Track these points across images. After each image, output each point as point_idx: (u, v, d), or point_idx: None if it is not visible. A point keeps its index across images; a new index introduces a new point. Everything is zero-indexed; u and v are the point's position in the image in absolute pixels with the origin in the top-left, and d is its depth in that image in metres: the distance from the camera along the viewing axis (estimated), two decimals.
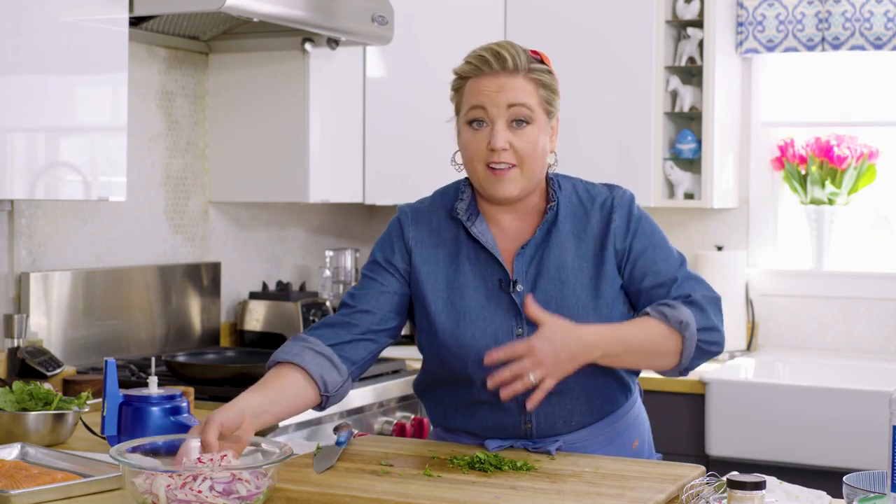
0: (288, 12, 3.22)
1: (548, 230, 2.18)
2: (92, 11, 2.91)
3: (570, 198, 2.21)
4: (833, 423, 3.44)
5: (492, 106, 2.12)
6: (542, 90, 2.14)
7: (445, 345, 2.16)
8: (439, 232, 2.22)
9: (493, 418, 2.17)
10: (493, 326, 2.14)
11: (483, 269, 2.17)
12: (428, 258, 2.21)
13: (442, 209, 2.25)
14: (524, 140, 2.11)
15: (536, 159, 2.13)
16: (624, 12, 3.92)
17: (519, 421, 2.17)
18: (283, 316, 3.79)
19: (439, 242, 2.22)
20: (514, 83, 2.12)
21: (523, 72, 2.12)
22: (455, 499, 1.84)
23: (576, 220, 2.19)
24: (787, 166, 4.11)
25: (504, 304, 2.15)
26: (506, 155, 2.11)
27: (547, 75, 2.16)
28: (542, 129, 2.14)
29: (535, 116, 2.12)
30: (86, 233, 3.38)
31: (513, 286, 2.15)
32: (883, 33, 3.89)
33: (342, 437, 2.17)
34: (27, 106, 2.77)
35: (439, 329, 2.16)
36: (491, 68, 2.13)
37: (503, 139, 2.10)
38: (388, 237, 2.26)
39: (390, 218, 4.84)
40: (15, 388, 2.44)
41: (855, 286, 4.06)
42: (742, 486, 1.67)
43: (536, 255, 2.17)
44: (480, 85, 2.14)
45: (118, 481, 2.01)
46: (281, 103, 3.71)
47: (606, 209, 2.19)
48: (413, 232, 2.23)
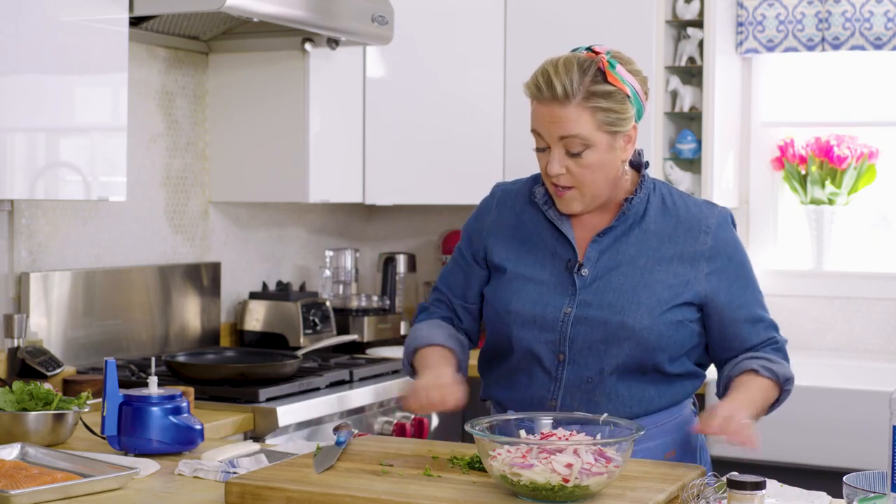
0: (288, 12, 3.22)
1: (631, 225, 2.22)
2: (92, 11, 2.91)
3: (664, 200, 2.25)
4: (833, 423, 3.44)
5: (546, 134, 2.16)
6: (601, 114, 2.12)
7: (497, 311, 2.25)
8: (522, 212, 2.30)
9: (526, 390, 2.24)
10: (544, 300, 2.21)
11: (555, 249, 2.25)
12: (504, 237, 2.30)
13: (528, 192, 2.32)
14: (581, 165, 2.15)
15: (597, 180, 2.17)
16: (624, 12, 3.92)
17: (546, 396, 2.22)
18: (283, 316, 3.79)
19: (518, 223, 2.30)
20: (564, 114, 2.11)
21: (577, 99, 2.11)
22: (455, 499, 1.84)
23: (664, 222, 2.23)
24: (787, 166, 4.11)
25: (564, 283, 2.21)
26: (563, 179, 2.17)
27: (607, 99, 2.12)
28: (605, 149, 2.15)
29: (591, 142, 2.13)
30: (86, 233, 3.38)
31: (578, 268, 2.21)
32: (883, 33, 3.89)
33: (342, 437, 2.17)
34: (27, 106, 2.77)
35: (496, 294, 2.26)
36: (543, 95, 2.13)
37: (558, 167, 2.15)
38: (475, 218, 2.37)
39: (390, 218, 4.85)
40: (15, 388, 2.44)
41: (855, 286, 4.06)
42: (742, 486, 1.67)
43: (614, 246, 2.22)
44: (537, 111, 2.16)
45: (118, 481, 2.01)
46: (281, 103, 3.71)
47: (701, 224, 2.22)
48: (495, 215, 2.33)
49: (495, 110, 4.03)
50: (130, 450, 2.26)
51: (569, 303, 2.19)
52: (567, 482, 1.78)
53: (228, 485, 1.92)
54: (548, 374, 2.20)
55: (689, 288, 2.19)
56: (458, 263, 2.37)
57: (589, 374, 2.18)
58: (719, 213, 2.25)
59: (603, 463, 1.81)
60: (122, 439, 2.26)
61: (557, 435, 1.91)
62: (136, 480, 2.07)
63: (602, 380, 2.18)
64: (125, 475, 2.02)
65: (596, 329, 2.17)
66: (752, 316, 2.23)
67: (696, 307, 2.21)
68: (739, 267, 2.23)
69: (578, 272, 2.20)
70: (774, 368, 2.18)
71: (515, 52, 3.99)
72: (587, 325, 2.17)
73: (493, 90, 4.04)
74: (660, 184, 2.28)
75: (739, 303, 2.22)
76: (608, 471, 1.81)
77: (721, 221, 2.23)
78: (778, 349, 2.23)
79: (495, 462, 1.83)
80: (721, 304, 2.21)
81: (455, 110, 4.03)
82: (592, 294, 2.19)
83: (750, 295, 2.23)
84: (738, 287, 2.22)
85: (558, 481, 1.78)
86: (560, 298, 2.20)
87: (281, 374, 3.13)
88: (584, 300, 2.18)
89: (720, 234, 2.22)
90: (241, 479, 1.94)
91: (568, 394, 2.20)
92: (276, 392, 3.02)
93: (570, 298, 2.20)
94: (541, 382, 2.22)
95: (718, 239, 2.22)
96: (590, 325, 2.17)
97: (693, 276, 2.19)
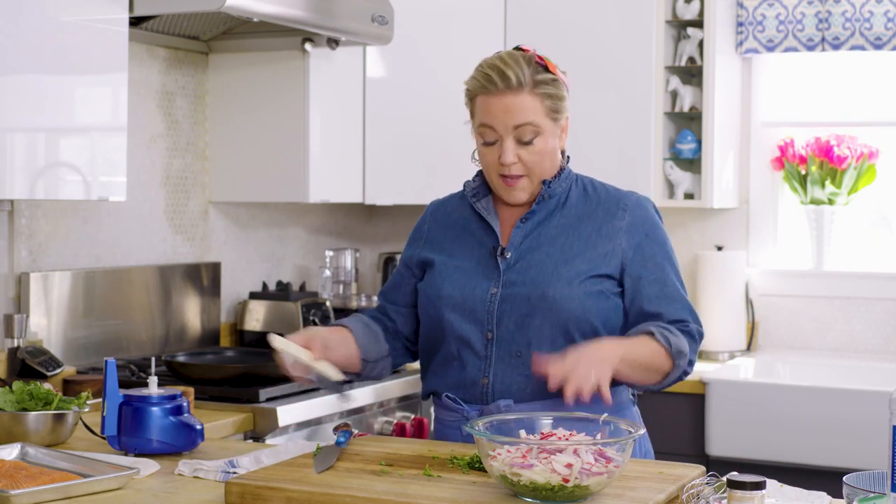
0: (288, 12, 3.22)
1: (553, 210, 2.30)
2: (92, 11, 2.91)
3: (586, 188, 2.34)
4: (833, 423, 3.44)
5: (500, 126, 2.24)
6: (548, 101, 2.24)
7: (428, 296, 2.33)
8: (453, 213, 2.40)
9: (459, 373, 2.29)
10: (472, 284, 2.29)
11: (482, 238, 2.33)
12: (438, 237, 2.39)
13: (458, 195, 2.44)
14: (532, 153, 2.25)
15: (545, 165, 2.28)
16: (624, 12, 3.92)
17: (477, 376, 2.27)
18: (283, 316, 3.79)
19: (449, 223, 2.39)
20: (519, 102, 2.22)
21: (528, 87, 2.22)
22: (455, 499, 1.84)
23: (584, 206, 2.31)
24: (787, 166, 4.11)
25: (489, 267, 2.29)
26: (515, 168, 2.26)
27: (552, 86, 2.25)
28: (550, 135, 2.27)
29: (541, 129, 2.24)
30: (86, 233, 3.38)
31: (502, 252, 2.28)
32: (883, 33, 3.89)
33: (342, 437, 2.17)
34: (27, 106, 2.77)
35: (428, 284, 2.34)
36: (496, 87, 2.22)
37: (512, 156, 2.24)
38: (414, 233, 2.46)
39: (390, 218, 4.86)
40: (15, 388, 2.44)
41: (855, 286, 4.06)
42: (742, 486, 1.67)
43: (536, 230, 2.30)
44: (488, 104, 2.24)
45: (118, 481, 2.01)
46: (281, 103, 3.71)
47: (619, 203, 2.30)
48: (430, 223, 2.43)
49: None
50: (130, 450, 2.26)
51: (494, 284, 2.27)
52: (567, 482, 1.79)
53: (228, 485, 1.92)
54: (477, 354, 2.27)
55: (607, 261, 2.25)
56: (398, 275, 2.46)
57: (517, 349, 2.24)
58: (639, 196, 2.33)
59: (603, 463, 1.81)
60: (122, 439, 2.26)
61: (557, 435, 1.91)
62: (136, 480, 2.07)
63: (530, 353, 2.22)
64: (125, 475, 2.02)
65: (520, 304, 2.24)
66: (668, 294, 2.26)
67: (616, 281, 2.27)
68: (657, 245, 2.28)
69: (502, 255, 2.28)
70: (670, 339, 2.19)
71: None
72: (511, 301, 2.25)
73: None
74: (583, 177, 2.37)
75: (654, 278, 2.26)
76: (608, 471, 1.81)
77: (640, 201, 2.32)
78: (686, 332, 2.24)
79: (495, 462, 1.83)
80: (636, 279, 2.26)
81: (455, 110, 4.01)
82: (516, 274, 2.26)
83: (666, 274, 2.27)
84: (653, 264, 2.27)
85: (558, 481, 1.79)
86: (486, 282, 2.28)
87: (281, 374, 3.11)
88: (509, 280, 2.26)
89: (637, 211, 2.30)
90: (241, 479, 1.94)
91: (499, 371, 2.25)
92: (276, 392, 3.02)
93: (495, 280, 2.27)
94: (472, 363, 2.28)
95: (636, 216, 2.29)
96: (514, 302, 2.24)
97: (611, 248, 2.26)
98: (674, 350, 2.19)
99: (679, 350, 2.20)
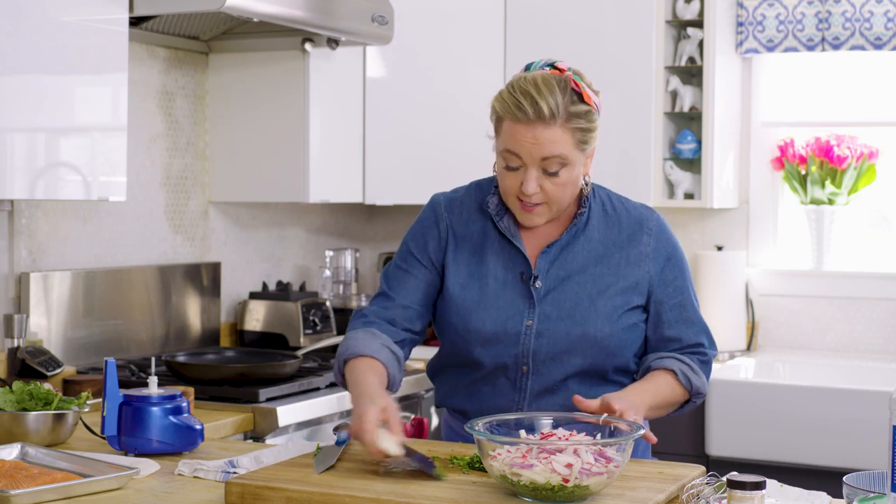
0: (288, 12, 3.22)
1: (575, 234, 2.25)
2: (92, 11, 2.91)
3: (604, 206, 2.28)
4: (833, 423, 3.44)
5: (526, 155, 2.13)
6: (579, 133, 2.14)
7: (456, 329, 2.24)
8: (468, 223, 2.29)
9: (490, 400, 2.25)
10: (504, 315, 2.22)
11: (507, 261, 2.25)
12: (456, 247, 2.28)
13: (474, 201, 2.31)
14: (556, 184, 2.16)
15: (566, 195, 2.19)
16: (624, 12, 3.92)
17: (511, 406, 2.24)
18: (283, 316, 3.79)
19: (467, 233, 2.28)
20: (549, 135, 2.11)
21: (561, 120, 2.11)
22: (455, 499, 1.84)
23: (607, 229, 2.26)
24: (787, 166, 4.11)
25: (521, 295, 2.22)
26: (536, 197, 2.16)
27: (585, 118, 2.14)
28: (576, 165, 2.17)
29: (569, 160, 2.14)
30: (86, 233, 3.38)
31: (533, 280, 2.22)
32: (883, 33, 3.89)
33: (342, 437, 2.17)
34: (27, 106, 2.77)
35: (454, 314, 2.24)
36: (527, 117, 2.11)
37: (534, 186, 2.14)
38: (422, 226, 2.32)
39: (390, 218, 4.85)
40: (15, 388, 2.44)
41: (855, 286, 4.06)
42: (742, 486, 1.67)
43: (561, 256, 2.24)
44: (515, 131, 2.13)
45: (118, 481, 2.01)
46: (281, 103, 3.71)
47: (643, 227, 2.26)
48: (447, 221, 2.29)
49: None
50: (130, 450, 2.26)
51: (528, 315, 2.21)
52: (567, 482, 1.79)
53: (228, 485, 1.92)
54: (512, 384, 2.24)
55: (638, 290, 2.24)
56: (402, 266, 2.30)
57: (552, 382, 2.22)
58: (658, 217, 2.30)
59: (603, 463, 1.81)
60: (122, 439, 2.26)
61: (557, 435, 1.91)
62: (136, 480, 2.07)
63: (565, 385, 2.23)
64: (125, 475, 2.02)
65: (558, 340, 2.20)
66: (686, 318, 2.27)
67: (642, 308, 2.26)
68: (678, 268, 2.28)
69: (533, 284, 2.22)
70: (692, 379, 2.23)
71: (515, 52, 3.99)
72: (549, 336, 2.21)
73: (493, 90, 3.97)
74: (598, 188, 2.30)
75: (675, 302, 2.27)
76: (608, 471, 1.81)
77: (661, 224, 2.29)
78: (704, 362, 2.28)
79: (495, 462, 1.83)
80: (658, 303, 2.26)
81: (455, 110, 4.02)
82: (550, 305, 2.21)
83: (685, 297, 2.28)
84: (674, 288, 2.27)
85: (558, 481, 1.79)
86: (519, 312, 2.22)
87: (281, 374, 3.13)
88: (544, 312, 2.21)
89: (661, 235, 2.27)
90: (241, 479, 1.94)
91: (533, 402, 2.24)
92: (276, 392, 3.02)
93: (529, 311, 2.21)
94: (505, 393, 2.25)
95: (660, 240, 2.27)
96: (552, 337, 2.20)
97: (640, 276, 2.24)
98: (694, 391, 2.24)
99: (698, 390, 2.24)
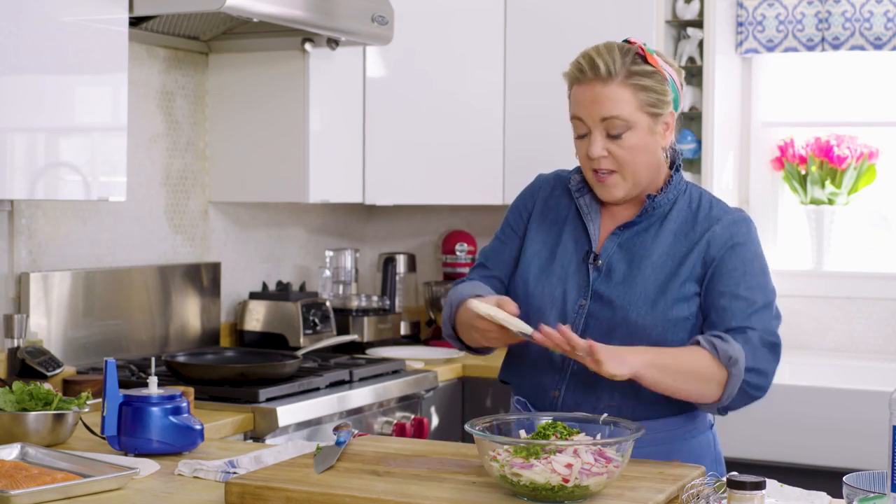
0: (288, 12, 3.22)
1: (653, 223, 2.22)
2: (92, 11, 2.91)
3: (691, 203, 2.24)
4: (833, 423, 3.44)
5: (587, 117, 2.16)
6: (642, 94, 2.14)
7: (517, 293, 2.27)
8: (557, 198, 2.32)
9: (532, 377, 2.26)
10: (559, 290, 2.23)
11: (579, 238, 2.27)
12: (541, 219, 2.32)
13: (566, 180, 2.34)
14: (622, 147, 2.15)
15: (638, 163, 2.17)
16: (624, 12, 3.92)
17: (550, 387, 2.23)
18: (283, 316, 3.79)
19: (552, 207, 2.32)
20: (607, 93, 2.13)
21: (619, 78, 2.13)
22: (455, 499, 1.84)
23: (685, 223, 2.22)
24: (787, 166, 4.11)
25: (581, 274, 2.23)
26: (605, 162, 2.17)
27: (649, 78, 2.14)
28: (645, 131, 2.16)
29: (633, 123, 2.14)
30: (86, 233, 3.38)
31: (594, 259, 2.22)
32: (883, 33, 3.89)
33: (342, 437, 2.17)
34: (27, 106, 2.77)
35: (519, 277, 2.29)
36: (585, 76, 2.15)
37: (599, 149, 2.16)
38: (521, 199, 2.38)
39: (390, 218, 4.84)
40: (15, 388, 2.44)
41: (855, 286, 4.06)
42: (742, 486, 1.67)
43: (632, 240, 2.22)
44: (577, 95, 2.17)
45: (118, 481, 2.01)
46: (281, 103, 3.71)
47: (716, 220, 2.21)
48: (540, 196, 2.34)
49: (495, 110, 4.03)
50: (130, 450, 2.26)
51: (583, 295, 2.21)
52: (567, 482, 1.79)
53: (228, 485, 1.92)
54: (553, 365, 2.23)
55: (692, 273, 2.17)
56: (500, 238, 2.38)
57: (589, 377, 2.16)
58: (739, 213, 2.24)
59: (603, 463, 1.81)
60: (122, 439, 2.26)
61: (557, 435, 1.91)
62: (136, 480, 2.07)
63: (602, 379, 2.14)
64: (125, 475, 2.02)
65: (603, 322, 2.18)
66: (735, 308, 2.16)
67: (696, 296, 2.18)
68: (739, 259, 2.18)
69: (594, 262, 2.22)
70: (717, 345, 2.10)
71: (515, 52, 3.99)
72: (596, 318, 2.19)
73: (493, 90, 4.04)
74: (693, 187, 2.27)
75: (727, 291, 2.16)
76: (608, 471, 1.81)
77: (735, 217, 2.22)
78: (746, 339, 2.13)
79: (495, 462, 1.83)
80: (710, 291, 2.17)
81: (455, 110, 4.03)
82: (603, 286, 2.20)
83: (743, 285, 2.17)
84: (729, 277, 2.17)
85: (558, 481, 1.79)
86: (576, 291, 2.22)
87: (281, 374, 3.12)
88: (597, 292, 2.20)
89: (732, 227, 2.20)
90: (241, 479, 1.94)
91: (571, 386, 2.21)
92: (276, 392, 3.02)
93: (583, 291, 2.22)
94: (547, 372, 2.24)
95: (727, 228, 2.19)
96: (598, 319, 2.19)
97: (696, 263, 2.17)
98: (721, 355, 2.10)
99: (728, 355, 2.09)
